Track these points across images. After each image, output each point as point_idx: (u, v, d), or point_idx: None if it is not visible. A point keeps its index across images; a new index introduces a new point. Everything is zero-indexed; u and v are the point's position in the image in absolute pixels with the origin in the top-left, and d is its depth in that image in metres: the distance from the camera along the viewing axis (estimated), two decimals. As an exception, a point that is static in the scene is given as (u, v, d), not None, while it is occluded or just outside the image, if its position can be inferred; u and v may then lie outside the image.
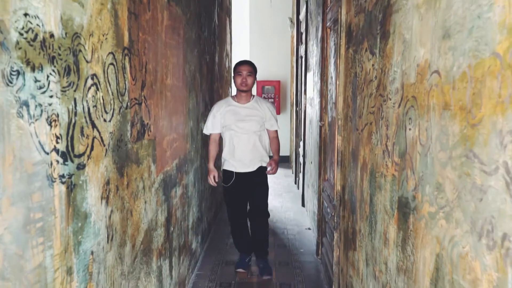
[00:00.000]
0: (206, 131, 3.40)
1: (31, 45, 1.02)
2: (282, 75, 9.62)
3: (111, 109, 1.55)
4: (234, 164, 3.32)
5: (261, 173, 3.38)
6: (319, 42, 4.05)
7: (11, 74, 0.94)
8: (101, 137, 1.46)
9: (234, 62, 8.59)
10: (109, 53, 1.53)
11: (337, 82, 2.84)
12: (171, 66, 2.58)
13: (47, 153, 1.10)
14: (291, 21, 8.62)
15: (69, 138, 1.22)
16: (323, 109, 3.75)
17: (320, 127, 3.85)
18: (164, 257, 2.43)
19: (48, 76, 1.09)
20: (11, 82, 0.94)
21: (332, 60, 3.33)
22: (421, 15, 1.31)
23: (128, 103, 1.75)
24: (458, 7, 1.05)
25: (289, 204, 5.98)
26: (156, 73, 2.20)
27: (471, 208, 0.97)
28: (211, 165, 3.39)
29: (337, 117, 2.76)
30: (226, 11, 6.32)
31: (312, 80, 4.81)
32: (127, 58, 1.73)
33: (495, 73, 0.87)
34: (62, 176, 1.18)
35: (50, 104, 1.10)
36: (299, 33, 6.93)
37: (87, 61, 1.33)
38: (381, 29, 1.79)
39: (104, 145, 1.48)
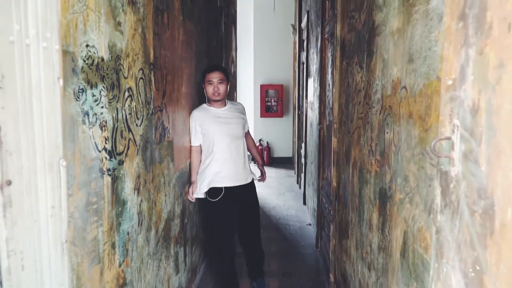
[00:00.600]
0: (195, 141, 3.00)
1: (90, 69, 1.33)
2: (284, 80, 9.92)
3: (141, 116, 1.86)
4: (224, 177, 2.93)
5: (253, 186, 3.10)
6: (319, 52, 4.35)
7: (78, 91, 1.25)
8: (134, 139, 1.77)
9: (240, 68, 8.88)
10: (140, 69, 1.84)
11: (333, 90, 3.14)
12: (185, 76, 2.89)
13: (99, 151, 1.41)
14: (294, 28, 8.92)
15: (113, 140, 1.53)
16: (322, 113, 4.05)
17: (319, 130, 4.15)
18: (180, 245, 2.73)
19: (100, 92, 1.40)
20: (78, 98, 1.25)
21: (329, 70, 3.63)
22: (395, 41, 1.61)
23: (153, 110, 2.06)
24: (417, 39, 1.35)
25: (291, 203, 6.28)
26: (173, 83, 2.52)
27: (424, 192, 1.26)
28: (194, 177, 2.95)
29: (333, 121, 3.06)
30: (231, 19, 6.63)
31: (313, 86, 5.11)
32: (152, 72, 2.04)
33: (438, 91, 1.17)
34: (109, 169, 1.49)
35: (101, 113, 1.41)
36: (301, 40, 7.24)
37: (125, 77, 1.65)
38: (367, 48, 2.09)
39: (136, 146, 1.79)
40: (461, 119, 0.80)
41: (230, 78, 3.09)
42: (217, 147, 2.94)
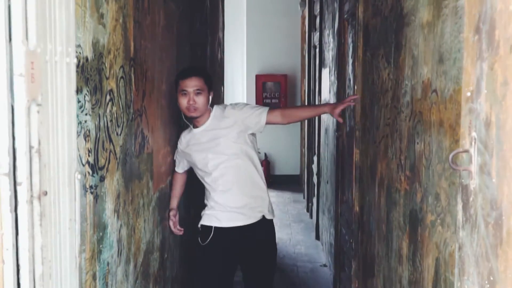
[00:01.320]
0: (177, 169, 3.40)
1: (77, 71, 1.68)
2: (289, 68, 10.28)
3: (121, 123, 2.21)
4: (215, 214, 3.15)
5: (267, 226, 3.21)
6: (336, 35, 4.74)
7: (65, 98, 1.60)
8: (115, 151, 2.11)
9: (228, 52, 9.28)
10: (121, 66, 2.19)
11: (355, 87, 3.51)
12: (166, 70, 3.25)
13: (83, 165, 1.75)
14: (302, -3, 9.36)
15: (95, 152, 1.87)
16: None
17: (337, 138, 4.52)
18: (159, 286, 3.07)
19: (85, 96, 1.75)
20: (65, 105, 1.60)
21: (350, 60, 4.01)
22: (425, 36, 1.98)
23: (133, 115, 2.41)
24: (447, 37, 1.71)
25: (299, 237, 6.64)
26: (153, 80, 2.87)
27: (454, 211, 1.61)
28: (173, 203, 3.33)
29: (355, 127, 3.43)
30: (218, -11, 7.03)
31: (328, 79, 5.50)
32: (132, 69, 2.39)
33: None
34: (91, 186, 1.83)
35: (85, 122, 1.76)
36: (312, 16, 7.65)
37: (106, 78, 1.99)
38: (395, 39, 2.46)
39: (117, 159, 2.14)
40: (477, 131, 1.14)
41: (213, 85, 3.35)
42: (206, 177, 3.19)
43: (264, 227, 3.18)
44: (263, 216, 3.17)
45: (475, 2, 1.19)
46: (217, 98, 7.12)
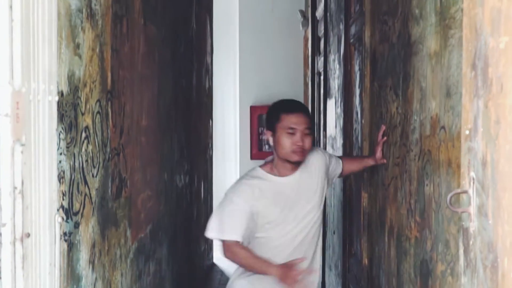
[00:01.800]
0: (224, 235, 3.08)
1: (51, 107, 1.87)
2: (290, 97, 10.47)
3: (97, 163, 2.39)
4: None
5: None
6: (342, 60, 4.97)
7: (40, 136, 1.78)
8: (90, 194, 2.29)
9: (217, 80, 9.49)
10: (97, 100, 2.39)
11: (363, 122, 3.71)
12: (146, 102, 3.45)
13: (57, 210, 1.93)
14: (304, 16, 9.64)
15: (70, 195, 2.05)
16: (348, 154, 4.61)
17: (344, 180, 4.70)
18: None
19: (59, 134, 1.94)
20: (40, 144, 1.78)
21: (357, 90, 4.22)
22: (433, 67, 2.18)
23: (110, 154, 2.60)
24: (454, 70, 1.92)
25: (302, 298, 6.72)
26: (132, 114, 3.06)
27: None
28: (267, 262, 3.01)
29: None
30: (206, 7, 7.31)
31: (334, 111, 5.71)
32: (109, 103, 2.59)
33: (473, 136, 1.72)
34: (65, 233, 2.01)
35: (60, 162, 1.94)
36: (315, 38, 7.93)
37: (82, 114, 2.19)
38: (403, 69, 2.67)
39: (92, 203, 2.31)
40: (476, 171, 1.32)
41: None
42: (274, 248, 3.05)
43: None
44: None
45: (471, 37, 1.39)
46: (205, 134, 7.34)
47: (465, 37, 1.46)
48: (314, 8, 7.92)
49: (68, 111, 2.02)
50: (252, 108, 10.36)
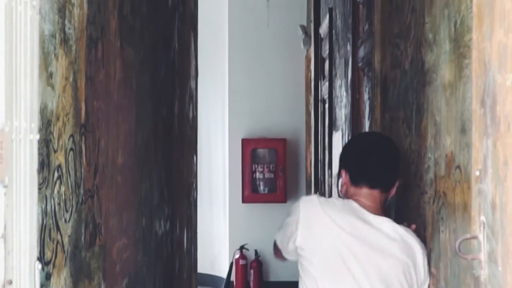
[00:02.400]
0: (281, 243, 3.30)
1: (23, 144, 2.05)
2: (289, 129, 10.48)
3: (70, 206, 2.56)
4: None
5: None
6: (349, 86, 5.17)
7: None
8: (62, 242, 2.46)
9: (202, 106, 9.62)
10: (70, 136, 2.57)
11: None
12: (123, 136, 3.62)
13: (37, 257, 2.09)
14: (305, 32, 9.82)
15: (41, 243, 2.22)
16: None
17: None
18: None
19: (31, 175, 2.11)
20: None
21: (366, 122, 4.42)
22: (447, 99, 2.37)
23: (83, 197, 2.77)
24: (468, 104, 2.10)
25: None
26: (107, 150, 3.24)
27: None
28: None
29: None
30: (189, 23, 7.51)
31: (341, 145, 5.88)
32: (83, 138, 2.77)
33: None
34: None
35: (31, 205, 2.11)
36: (319, 59, 8.13)
37: (54, 151, 2.37)
38: (416, 100, 2.87)
39: (64, 252, 2.48)
40: (486, 215, 1.50)
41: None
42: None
43: None
44: None
45: (480, 72, 1.58)
46: (189, 172, 7.48)
47: (474, 71, 1.65)
48: (317, 24, 8.12)
49: (40, 148, 2.20)
50: (244, 141, 10.36)
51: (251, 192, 10.34)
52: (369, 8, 4.30)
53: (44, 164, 2.25)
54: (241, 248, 10.19)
